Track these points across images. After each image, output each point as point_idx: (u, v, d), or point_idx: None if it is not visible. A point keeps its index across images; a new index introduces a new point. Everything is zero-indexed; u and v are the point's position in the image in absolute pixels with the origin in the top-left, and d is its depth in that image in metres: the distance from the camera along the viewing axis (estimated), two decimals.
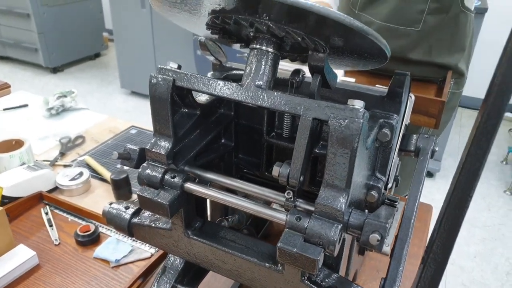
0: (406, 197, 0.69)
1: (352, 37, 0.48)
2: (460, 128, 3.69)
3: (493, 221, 2.61)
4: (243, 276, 0.61)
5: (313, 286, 0.55)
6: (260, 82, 0.53)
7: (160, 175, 0.58)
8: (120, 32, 3.85)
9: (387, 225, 0.48)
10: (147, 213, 0.68)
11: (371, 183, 0.63)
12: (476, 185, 0.42)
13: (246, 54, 0.77)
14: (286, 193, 0.54)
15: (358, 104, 0.46)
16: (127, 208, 0.68)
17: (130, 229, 0.67)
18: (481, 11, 2.62)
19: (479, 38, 2.66)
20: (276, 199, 0.57)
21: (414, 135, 0.74)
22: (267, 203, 0.70)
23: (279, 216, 0.53)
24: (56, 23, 4.34)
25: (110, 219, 0.68)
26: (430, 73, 1.25)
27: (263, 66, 0.54)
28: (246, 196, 0.64)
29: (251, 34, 0.54)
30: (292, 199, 0.53)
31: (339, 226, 0.49)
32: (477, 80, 2.68)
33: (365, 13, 1.23)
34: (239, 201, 0.57)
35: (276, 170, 0.52)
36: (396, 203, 0.68)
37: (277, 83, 0.59)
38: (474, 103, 3.92)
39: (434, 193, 2.79)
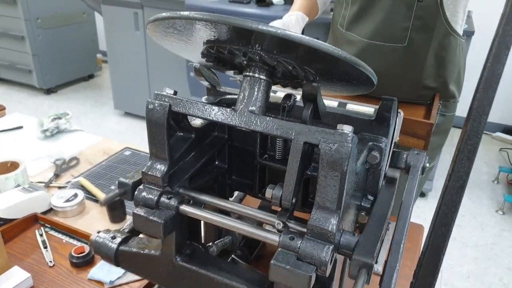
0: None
1: (341, 67, 0.51)
2: (452, 148, 3.73)
3: (486, 241, 2.63)
4: None
5: None
6: (253, 108, 0.56)
7: (156, 197, 0.60)
8: (114, 53, 3.89)
9: (373, 262, 0.49)
10: (135, 242, 0.68)
11: (362, 204, 0.65)
12: (460, 202, 0.44)
13: (238, 78, 0.80)
14: (278, 215, 0.55)
15: (347, 128, 0.48)
16: (114, 237, 0.68)
17: (116, 259, 0.67)
18: (468, 34, 2.69)
19: (467, 60, 2.73)
20: (269, 220, 0.58)
21: (405, 152, 0.74)
22: (259, 224, 0.71)
23: (272, 238, 0.55)
24: (50, 45, 4.37)
25: (97, 248, 0.68)
26: (419, 96, 1.27)
27: (256, 93, 0.56)
28: (239, 217, 0.65)
29: (244, 62, 0.56)
30: (285, 220, 0.55)
31: (331, 247, 0.50)
32: (466, 100, 2.73)
33: (352, 32, 1.27)
34: (233, 223, 0.58)
35: (269, 193, 0.54)
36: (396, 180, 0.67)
37: (269, 107, 0.61)
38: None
39: (426, 213, 2.80)
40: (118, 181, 0.63)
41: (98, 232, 0.69)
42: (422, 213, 2.80)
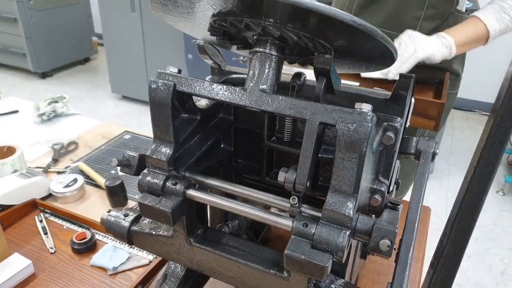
0: (403, 199, 0.68)
1: (359, 39, 0.47)
2: (452, 130, 3.71)
3: (487, 222, 2.63)
4: (247, 283, 0.60)
5: None
6: (264, 86, 0.52)
7: (161, 182, 0.57)
8: (110, 36, 3.82)
9: (396, 230, 0.47)
10: (146, 221, 0.67)
11: (375, 187, 0.63)
12: (489, 188, 0.42)
13: (242, 58, 0.76)
14: (291, 199, 0.53)
15: (366, 107, 0.45)
16: (126, 215, 0.67)
17: (129, 237, 0.66)
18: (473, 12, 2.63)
19: None
20: (280, 205, 0.56)
21: (414, 138, 0.74)
22: (266, 208, 0.69)
23: (285, 223, 0.52)
24: (44, 28, 4.29)
25: (109, 227, 0.66)
26: (426, 74, 1.24)
27: (266, 70, 0.53)
28: (245, 201, 0.63)
29: (254, 37, 0.53)
30: (298, 205, 0.52)
31: (348, 232, 0.48)
32: (468, 81, 2.70)
33: (360, 18, 1.23)
34: (244, 208, 0.56)
35: (281, 176, 0.51)
36: (398, 206, 0.68)
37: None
38: (466, 104, 3.95)
39: (428, 195, 2.80)
40: (123, 155, 0.61)
41: (109, 210, 0.67)
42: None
